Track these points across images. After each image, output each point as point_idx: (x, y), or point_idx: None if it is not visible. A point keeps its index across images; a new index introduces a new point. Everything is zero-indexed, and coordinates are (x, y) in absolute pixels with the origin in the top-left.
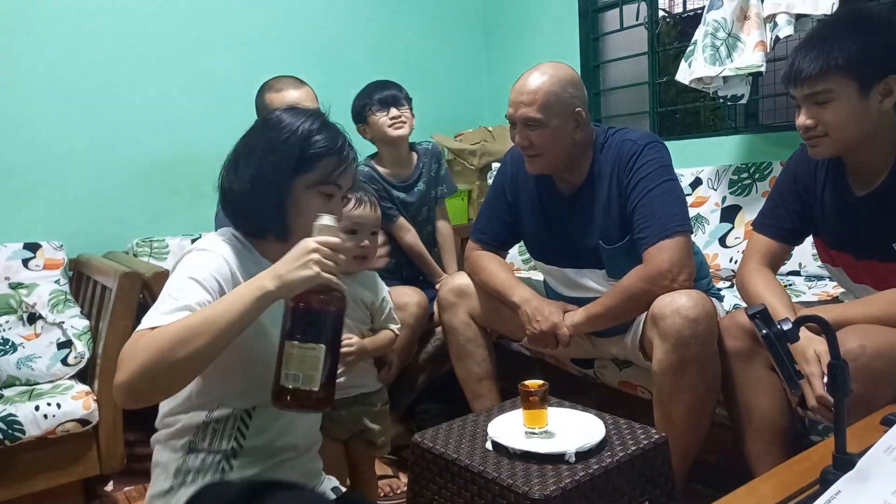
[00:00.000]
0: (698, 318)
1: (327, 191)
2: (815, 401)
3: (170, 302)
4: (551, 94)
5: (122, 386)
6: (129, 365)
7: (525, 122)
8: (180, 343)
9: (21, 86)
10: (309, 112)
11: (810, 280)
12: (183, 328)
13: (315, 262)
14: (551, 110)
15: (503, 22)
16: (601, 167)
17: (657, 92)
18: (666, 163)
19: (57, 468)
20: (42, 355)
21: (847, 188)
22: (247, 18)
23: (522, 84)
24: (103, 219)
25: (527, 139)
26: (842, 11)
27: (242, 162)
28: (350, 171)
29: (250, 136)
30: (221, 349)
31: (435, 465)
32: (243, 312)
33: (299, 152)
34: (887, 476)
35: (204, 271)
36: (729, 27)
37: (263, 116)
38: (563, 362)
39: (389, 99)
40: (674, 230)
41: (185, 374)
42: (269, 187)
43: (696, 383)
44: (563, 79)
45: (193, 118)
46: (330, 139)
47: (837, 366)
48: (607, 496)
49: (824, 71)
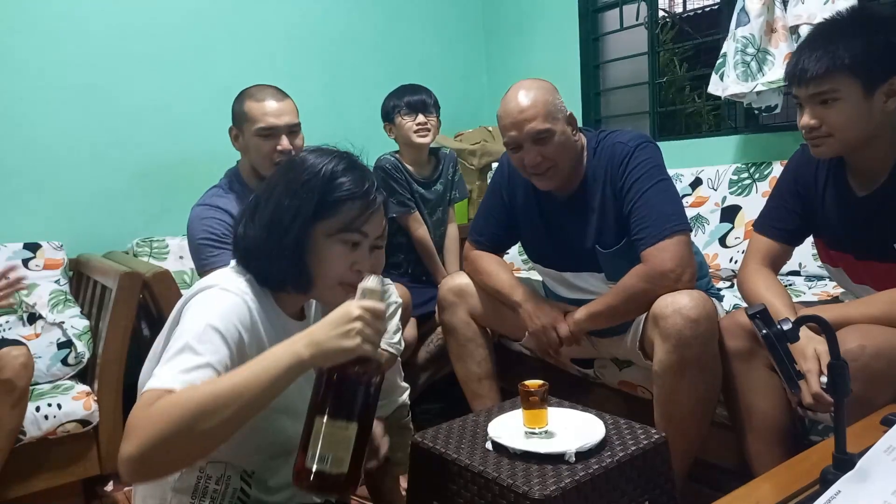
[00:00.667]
0: (699, 319)
1: (352, 239)
2: (811, 398)
3: (188, 358)
4: (549, 103)
5: (132, 458)
6: (142, 434)
7: (535, 137)
8: (203, 415)
9: (21, 86)
10: (335, 152)
11: (810, 280)
12: (206, 398)
13: (358, 331)
14: (555, 117)
15: (503, 22)
16: (595, 171)
17: (657, 92)
18: (658, 162)
19: (57, 468)
20: (42, 355)
21: (848, 188)
22: (247, 19)
23: (516, 105)
24: (103, 219)
25: (539, 155)
26: (846, 11)
27: (261, 208)
28: (377, 217)
29: (271, 179)
30: (246, 421)
31: (435, 465)
32: (274, 383)
33: (320, 196)
34: (887, 476)
35: (226, 319)
36: (758, 43)
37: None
38: (564, 362)
39: (419, 105)
40: (672, 230)
41: (205, 448)
42: (286, 235)
43: (696, 384)
44: (548, 87)
45: (194, 119)
46: (355, 181)
47: (837, 366)
48: (607, 496)
49: (830, 71)
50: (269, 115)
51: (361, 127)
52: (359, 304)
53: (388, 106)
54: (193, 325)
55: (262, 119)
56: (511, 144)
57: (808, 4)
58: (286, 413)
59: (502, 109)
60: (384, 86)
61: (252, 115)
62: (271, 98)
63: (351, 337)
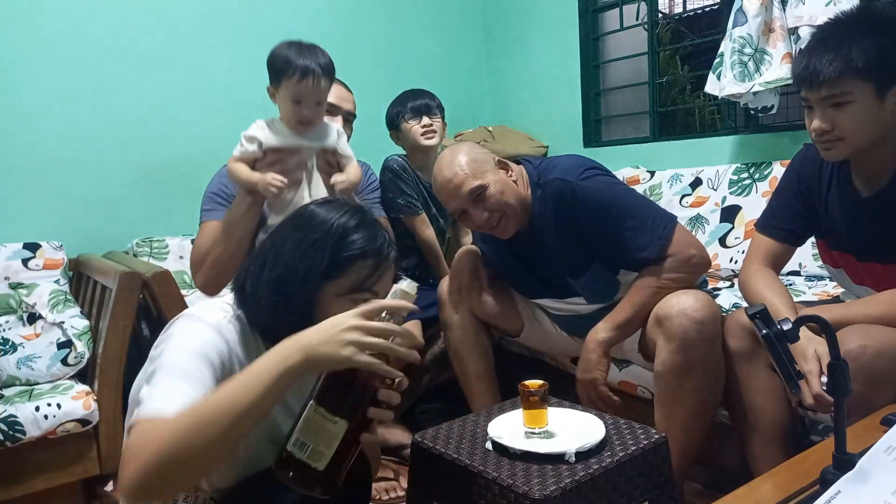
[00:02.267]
0: (705, 320)
1: (362, 298)
2: (812, 399)
3: (170, 384)
4: (472, 161)
5: (131, 484)
6: (137, 461)
7: (472, 198)
8: (196, 433)
9: (21, 86)
10: (346, 206)
11: (810, 280)
12: (196, 417)
13: (350, 342)
14: (483, 171)
15: (503, 22)
16: (543, 209)
17: (657, 92)
18: (607, 180)
19: (57, 468)
20: (42, 355)
21: (853, 189)
22: (247, 19)
23: (443, 178)
24: (103, 219)
25: (484, 211)
26: (852, 12)
27: (268, 264)
28: (389, 275)
29: (277, 233)
30: (244, 435)
31: (435, 465)
32: (266, 392)
33: (332, 254)
34: (887, 476)
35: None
36: (755, 43)
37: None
38: (563, 362)
39: (422, 108)
40: (669, 226)
41: (202, 467)
42: (296, 297)
43: (700, 386)
44: (467, 147)
45: (193, 118)
46: (368, 238)
47: (838, 366)
48: (607, 496)
49: (843, 73)
50: (333, 96)
51: (361, 127)
52: (357, 311)
53: (392, 113)
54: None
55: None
56: (456, 214)
57: (809, 5)
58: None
59: (435, 188)
60: (384, 86)
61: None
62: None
63: (343, 347)
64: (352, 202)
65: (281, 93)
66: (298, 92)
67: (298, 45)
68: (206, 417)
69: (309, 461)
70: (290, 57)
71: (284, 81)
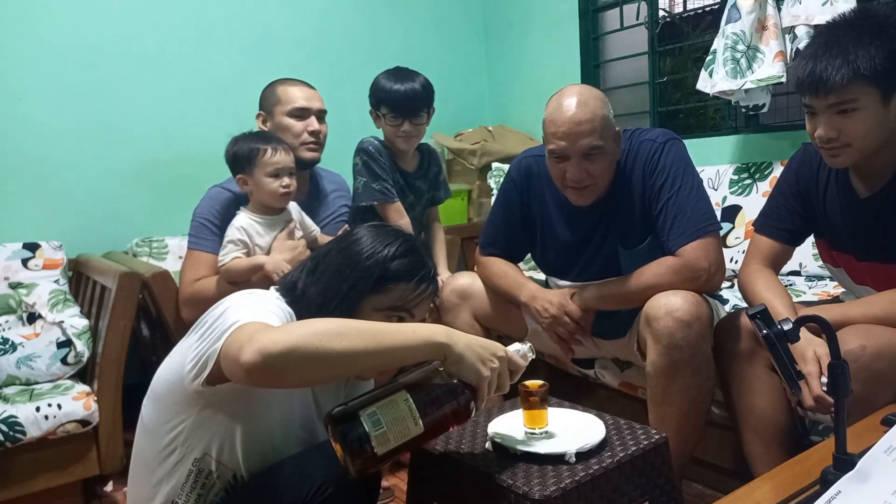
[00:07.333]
0: (691, 322)
1: (398, 315)
2: (813, 400)
3: (256, 314)
4: (605, 119)
5: (277, 348)
6: (288, 334)
7: (586, 152)
8: (336, 338)
9: (21, 85)
10: (398, 234)
11: (810, 280)
12: (341, 324)
13: (493, 369)
14: (608, 134)
15: (503, 22)
16: (626, 173)
17: (657, 92)
18: (688, 160)
19: (57, 469)
20: (42, 355)
21: (851, 189)
22: (247, 19)
23: (572, 113)
24: (103, 219)
25: (585, 171)
26: (852, 14)
27: (321, 269)
28: (427, 302)
29: (332, 245)
30: (359, 370)
31: (435, 465)
32: (403, 345)
33: (380, 273)
34: (887, 476)
35: (271, 305)
36: (748, 40)
37: (352, 230)
38: (564, 363)
39: (407, 111)
40: (706, 230)
41: (328, 368)
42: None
43: (689, 386)
44: (604, 100)
45: (193, 118)
46: (412, 265)
47: (838, 366)
48: (607, 496)
49: (852, 81)
50: (302, 98)
51: (361, 127)
52: (509, 352)
53: (377, 93)
54: (245, 302)
55: (296, 101)
56: (557, 153)
57: (805, 4)
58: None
59: (554, 115)
60: None
61: (286, 96)
62: (303, 85)
63: (486, 366)
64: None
65: (255, 174)
66: (274, 166)
67: (263, 135)
68: (348, 331)
69: (373, 439)
70: (256, 144)
71: (258, 161)
